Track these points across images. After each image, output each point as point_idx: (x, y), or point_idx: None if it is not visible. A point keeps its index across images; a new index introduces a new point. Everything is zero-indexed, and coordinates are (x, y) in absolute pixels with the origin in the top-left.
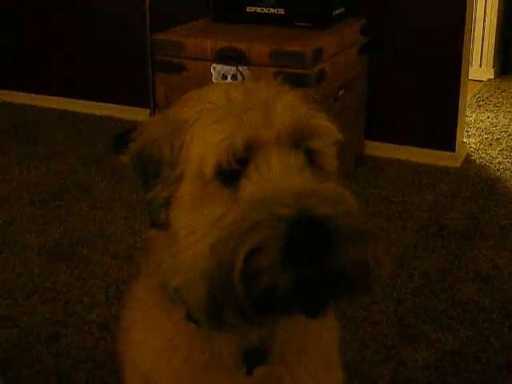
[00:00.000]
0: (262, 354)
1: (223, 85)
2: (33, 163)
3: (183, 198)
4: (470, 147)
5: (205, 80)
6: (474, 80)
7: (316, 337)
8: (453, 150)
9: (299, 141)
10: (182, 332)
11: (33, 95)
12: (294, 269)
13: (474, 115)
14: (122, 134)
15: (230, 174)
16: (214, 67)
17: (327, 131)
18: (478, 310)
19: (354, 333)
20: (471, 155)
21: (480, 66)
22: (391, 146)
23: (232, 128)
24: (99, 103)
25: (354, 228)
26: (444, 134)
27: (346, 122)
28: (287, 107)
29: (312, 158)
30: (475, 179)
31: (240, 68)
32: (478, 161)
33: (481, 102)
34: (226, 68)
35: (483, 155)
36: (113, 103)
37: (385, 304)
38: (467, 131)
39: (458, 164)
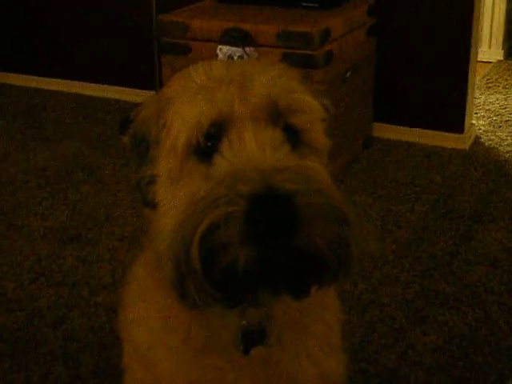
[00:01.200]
0: (260, 335)
1: (208, 62)
2: (40, 146)
3: (163, 176)
4: (479, 129)
5: None
6: (483, 61)
7: (317, 318)
8: (462, 131)
9: (277, 116)
10: (180, 310)
11: (40, 78)
12: (253, 246)
13: (483, 97)
14: (129, 117)
15: (204, 151)
16: (221, 48)
17: (309, 107)
18: (487, 293)
19: (361, 315)
20: (480, 137)
21: (489, 47)
22: (399, 127)
23: (203, 104)
24: (106, 86)
25: (325, 206)
26: (453, 115)
27: (353, 104)
28: (268, 82)
29: (298, 135)
30: (484, 161)
31: (246, 49)
32: (486, 143)
33: (490, 84)
34: (233, 49)
35: (492, 137)
36: (119, 86)
37: (393, 287)
38: (476, 113)
39: (466, 146)
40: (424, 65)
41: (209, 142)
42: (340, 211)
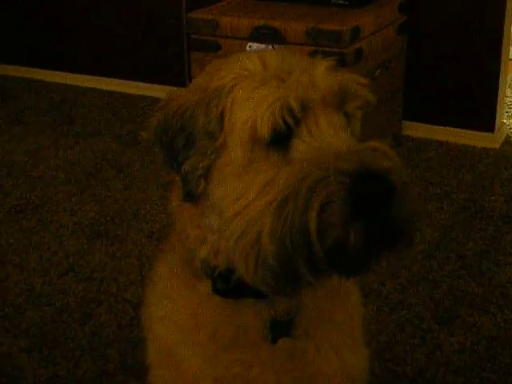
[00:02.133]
0: (288, 325)
1: (253, 53)
2: (69, 142)
3: (228, 165)
4: (510, 128)
5: None
6: None
7: (340, 310)
8: (492, 130)
9: (341, 103)
10: (208, 307)
11: (70, 74)
12: (363, 221)
13: None
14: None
15: (278, 137)
16: (250, 46)
17: (358, 95)
18: None
19: (389, 315)
20: (511, 136)
21: None
22: (429, 126)
23: (281, 90)
24: (135, 82)
25: (405, 181)
26: (483, 114)
27: (383, 102)
28: (327, 71)
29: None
30: None
31: (276, 46)
32: None
33: None
34: (262, 46)
35: None
36: (149, 82)
37: (421, 286)
38: (507, 112)
39: (497, 145)
40: (454, 63)
41: (283, 128)
42: (409, 185)
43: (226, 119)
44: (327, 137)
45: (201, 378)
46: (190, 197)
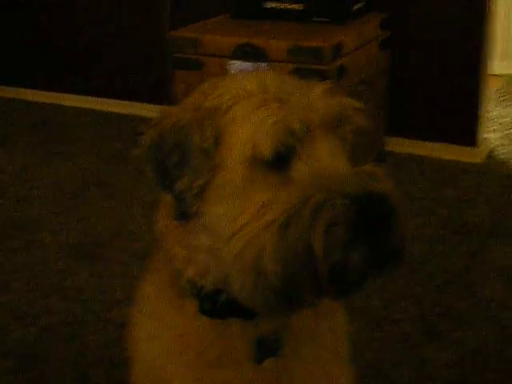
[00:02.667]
0: (275, 345)
1: (250, 73)
2: (54, 161)
3: (227, 184)
4: (493, 143)
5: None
6: (497, 75)
7: (327, 328)
8: (475, 145)
9: (338, 126)
10: (194, 327)
11: (54, 94)
12: (365, 242)
13: (496, 110)
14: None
15: (279, 158)
16: (233, 64)
17: (359, 119)
18: (501, 308)
19: (374, 331)
20: (493, 151)
21: (503, 60)
22: (412, 141)
23: (283, 111)
24: (120, 101)
25: (401, 205)
26: (466, 129)
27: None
28: (324, 94)
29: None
30: (498, 175)
31: (258, 64)
32: (500, 156)
33: (503, 97)
34: (245, 64)
35: (505, 151)
36: (134, 101)
37: (405, 302)
38: (489, 126)
39: (480, 160)
40: (437, 78)
41: (285, 151)
42: (403, 208)
43: (224, 138)
44: (327, 159)
45: None
46: (184, 216)
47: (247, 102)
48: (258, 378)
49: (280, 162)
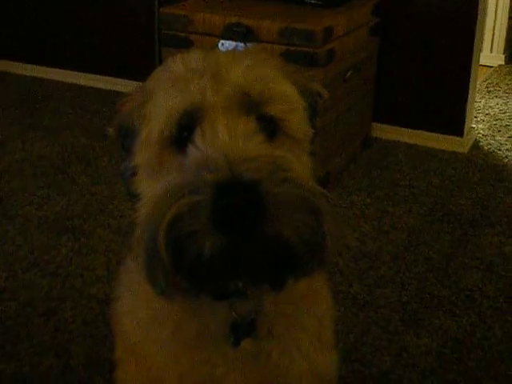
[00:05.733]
0: (250, 327)
1: (187, 53)
2: (36, 136)
3: (141, 167)
4: (479, 133)
5: None
6: (484, 65)
7: (308, 312)
8: (461, 135)
9: (250, 106)
10: (170, 303)
11: (39, 67)
12: (219, 235)
13: (483, 101)
14: None
15: (180, 141)
16: (222, 43)
17: (286, 96)
18: (482, 298)
19: (355, 316)
20: (479, 141)
21: (491, 51)
22: (399, 129)
23: (176, 95)
24: (105, 77)
25: (293, 195)
26: (452, 118)
27: (353, 104)
28: (241, 71)
29: (276, 124)
30: (483, 165)
31: (248, 45)
32: (486, 147)
33: (490, 88)
34: (234, 44)
35: (491, 141)
36: (119, 77)
37: (388, 288)
38: (476, 117)
39: (465, 149)
40: (425, 66)
41: (185, 133)
42: (310, 201)
43: (145, 122)
44: (220, 142)
45: (166, 375)
46: (132, 196)
47: (164, 84)
48: (236, 358)
49: (179, 145)
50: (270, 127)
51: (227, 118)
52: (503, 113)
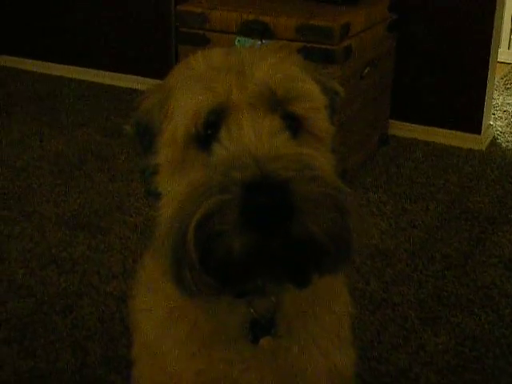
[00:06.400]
0: (269, 324)
1: (209, 50)
2: (53, 133)
3: (164, 165)
4: (497, 130)
5: None
6: (502, 62)
7: (326, 309)
8: (479, 132)
9: (275, 104)
10: (187, 301)
11: (56, 65)
12: (248, 234)
13: (501, 98)
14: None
15: (204, 139)
16: (239, 40)
17: (310, 95)
18: (500, 295)
19: (372, 314)
20: (497, 138)
21: (508, 48)
22: (416, 126)
23: (202, 92)
24: (122, 74)
25: (320, 193)
26: (470, 116)
27: (370, 101)
28: (266, 69)
29: (299, 123)
30: (501, 162)
31: (265, 42)
32: (503, 144)
33: (508, 85)
34: (251, 41)
35: (509, 138)
36: (135, 75)
37: (405, 286)
38: (494, 114)
39: (483, 147)
40: (443, 63)
41: (209, 131)
42: (337, 199)
43: (167, 120)
44: (246, 140)
45: (183, 373)
46: (151, 194)
47: (187, 81)
48: (254, 356)
49: (204, 143)
50: (294, 125)
51: (253, 116)
52: None
